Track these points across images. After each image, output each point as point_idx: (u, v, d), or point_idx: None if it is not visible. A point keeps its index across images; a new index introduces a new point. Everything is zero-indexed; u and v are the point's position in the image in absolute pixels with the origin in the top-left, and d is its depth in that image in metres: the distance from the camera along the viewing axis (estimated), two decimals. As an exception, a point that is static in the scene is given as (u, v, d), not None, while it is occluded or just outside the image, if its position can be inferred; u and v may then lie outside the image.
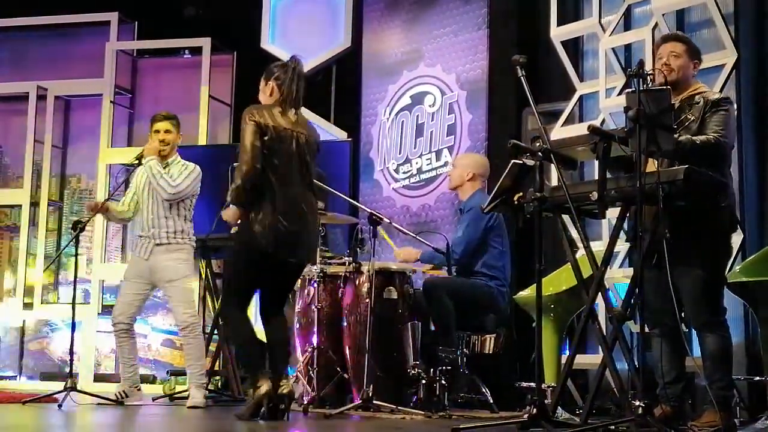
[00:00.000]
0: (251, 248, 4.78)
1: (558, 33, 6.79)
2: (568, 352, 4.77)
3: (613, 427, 4.09)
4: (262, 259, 4.79)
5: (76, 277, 6.29)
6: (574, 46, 6.95)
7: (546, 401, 4.13)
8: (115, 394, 6.02)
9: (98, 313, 8.83)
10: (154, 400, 6.50)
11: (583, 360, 5.93)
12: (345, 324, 5.84)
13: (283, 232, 4.74)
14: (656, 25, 6.13)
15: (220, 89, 9.06)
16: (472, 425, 4.48)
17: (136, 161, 6.13)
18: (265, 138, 4.75)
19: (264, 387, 4.64)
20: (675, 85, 4.47)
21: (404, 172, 7.90)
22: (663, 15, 6.12)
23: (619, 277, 5.94)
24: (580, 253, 4.79)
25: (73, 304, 6.20)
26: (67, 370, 6.24)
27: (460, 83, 7.61)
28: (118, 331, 6.08)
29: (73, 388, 5.82)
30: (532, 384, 4.14)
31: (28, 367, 9.39)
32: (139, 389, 6.13)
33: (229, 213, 4.98)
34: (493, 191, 4.53)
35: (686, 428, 4.31)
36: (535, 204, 4.10)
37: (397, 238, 7.38)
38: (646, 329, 4.46)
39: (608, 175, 4.20)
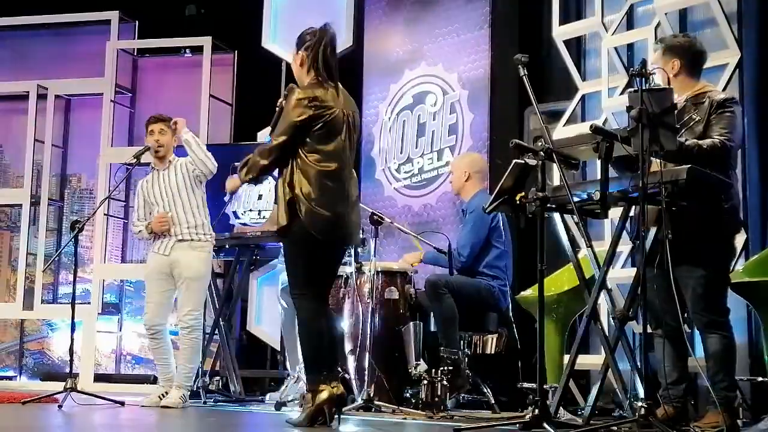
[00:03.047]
0: (305, 235, 4.43)
1: (560, 32, 6.77)
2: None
3: (615, 428, 4.10)
4: (316, 245, 4.45)
5: (75, 276, 6.28)
6: (576, 46, 6.92)
7: (548, 402, 4.11)
8: (159, 396, 6.06)
9: (98, 313, 8.82)
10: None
11: (585, 360, 5.91)
12: (346, 324, 5.83)
13: (333, 216, 4.45)
14: (659, 24, 6.11)
15: (220, 88, 9.05)
16: (474, 426, 4.48)
17: (135, 160, 6.12)
18: (321, 120, 4.47)
19: (326, 392, 4.30)
20: None
21: (406, 172, 7.88)
22: (666, 14, 6.10)
23: (621, 277, 5.91)
24: (582, 253, 4.78)
25: (73, 303, 6.18)
26: (68, 370, 6.22)
27: (462, 82, 7.59)
28: (155, 333, 6.12)
29: (74, 389, 5.81)
30: (534, 384, 4.12)
31: (28, 367, 9.39)
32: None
33: (232, 181, 4.77)
34: (495, 191, 4.52)
35: (689, 429, 4.29)
36: (537, 204, 4.09)
37: (399, 238, 7.37)
38: (649, 330, 4.45)
39: (611, 175, 4.20)
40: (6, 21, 9.51)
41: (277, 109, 4.67)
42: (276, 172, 4.61)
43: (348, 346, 5.80)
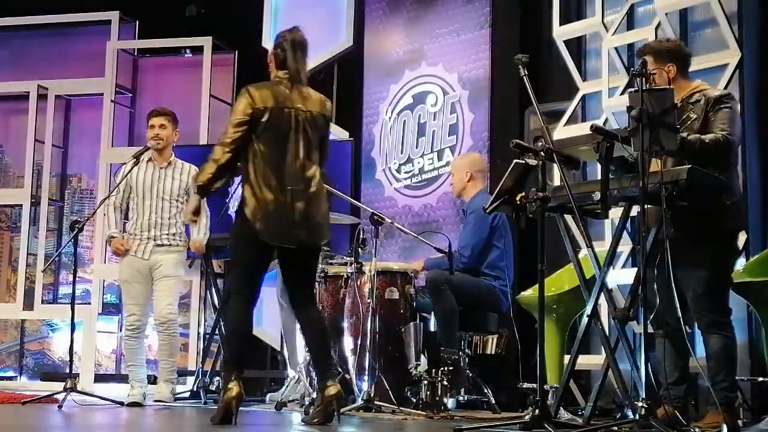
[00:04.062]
0: (246, 232, 4.54)
1: (561, 32, 6.77)
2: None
3: (615, 428, 4.09)
4: (259, 243, 4.53)
5: (75, 276, 6.28)
6: (576, 46, 6.92)
7: (548, 402, 4.10)
8: (142, 395, 6.11)
9: (99, 313, 8.82)
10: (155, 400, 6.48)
11: (585, 361, 5.91)
12: (346, 324, 5.83)
13: (277, 215, 4.49)
14: (659, 24, 6.11)
15: (221, 88, 9.05)
16: (474, 426, 4.47)
17: (134, 160, 6.11)
18: (262, 120, 4.53)
19: (234, 390, 4.35)
20: None
21: (406, 172, 7.88)
22: (666, 14, 6.10)
23: (622, 277, 5.91)
24: (583, 253, 4.78)
25: (73, 304, 6.18)
26: (68, 370, 6.22)
27: (462, 83, 7.59)
28: (139, 333, 6.18)
29: (74, 389, 5.81)
30: (535, 385, 4.11)
31: (28, 367, 9.39)
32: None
33: (189, 206, 4.81)
34: (496, 191, 4.52)
35: (689, 429, 4.29)
36: (537, 204, 4.09)
37: (399, 238, 7.37)
38: (650, 330, 4.45)
39: (611, 175, 4.20)
40: (6, 21, 9.51)
41: None
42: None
43: (348, 346, 5.80)
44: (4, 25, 9.55)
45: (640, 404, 3.82)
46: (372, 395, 5.27)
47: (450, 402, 5.46)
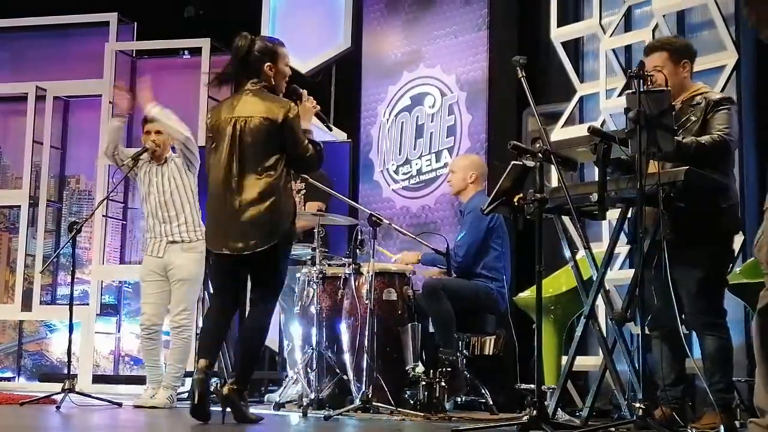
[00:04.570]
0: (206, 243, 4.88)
1: (558, 34, 6.78)
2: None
3: (613, 429, 4.10)
4: (212, 255, 4.84)
5: (73, 278, 6.27)
6: (574, 47, 6.93)
7: (546, 403, 4.11)
8: (150, 397, 6.06)
9: (97, 314, 8.82)
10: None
11: (583, 362, 5.92)
12: (344, 325, 5.84)
13: (215, 224, 4.70)
14: (657, 26, 6.12)
15: (219, 90, 9.02)
16: (472, 427, 4.47)
17: (132, 162, 6.10)
18: (212, 135, 4.75)
19: (224, 388, 4.60)
20: None
21: (404, 174, 7.89)
22: (663, 16, 6.11)
23: (619, 278, 5.92)
24: (580, 254, 4.79)
25: (71, 304, 6.17)
26: (66, 371, 6.22)
27: (460, 84, 7.60)
28: (152, 333, 6.12)
29: (72, 390, 5.81)
30: (532, 386, 4.12)
31: (26, 368, 9.39)
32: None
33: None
34: (493, 192, 4.53)
35: (686, 430, 4.30)
36: (535, 205, 4.10)
37: (397, 239, 7.38)
38: (647, 331, 4.45)
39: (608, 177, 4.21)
40: (5, 22, 9.51)
41: None
42: None
43: (346, 347, 5.81)
44: (2, 26, 9.55)
45: (637, 405, 3.83)
46: (370, 396, 5.27)
47: (448, 403, 5.47)
